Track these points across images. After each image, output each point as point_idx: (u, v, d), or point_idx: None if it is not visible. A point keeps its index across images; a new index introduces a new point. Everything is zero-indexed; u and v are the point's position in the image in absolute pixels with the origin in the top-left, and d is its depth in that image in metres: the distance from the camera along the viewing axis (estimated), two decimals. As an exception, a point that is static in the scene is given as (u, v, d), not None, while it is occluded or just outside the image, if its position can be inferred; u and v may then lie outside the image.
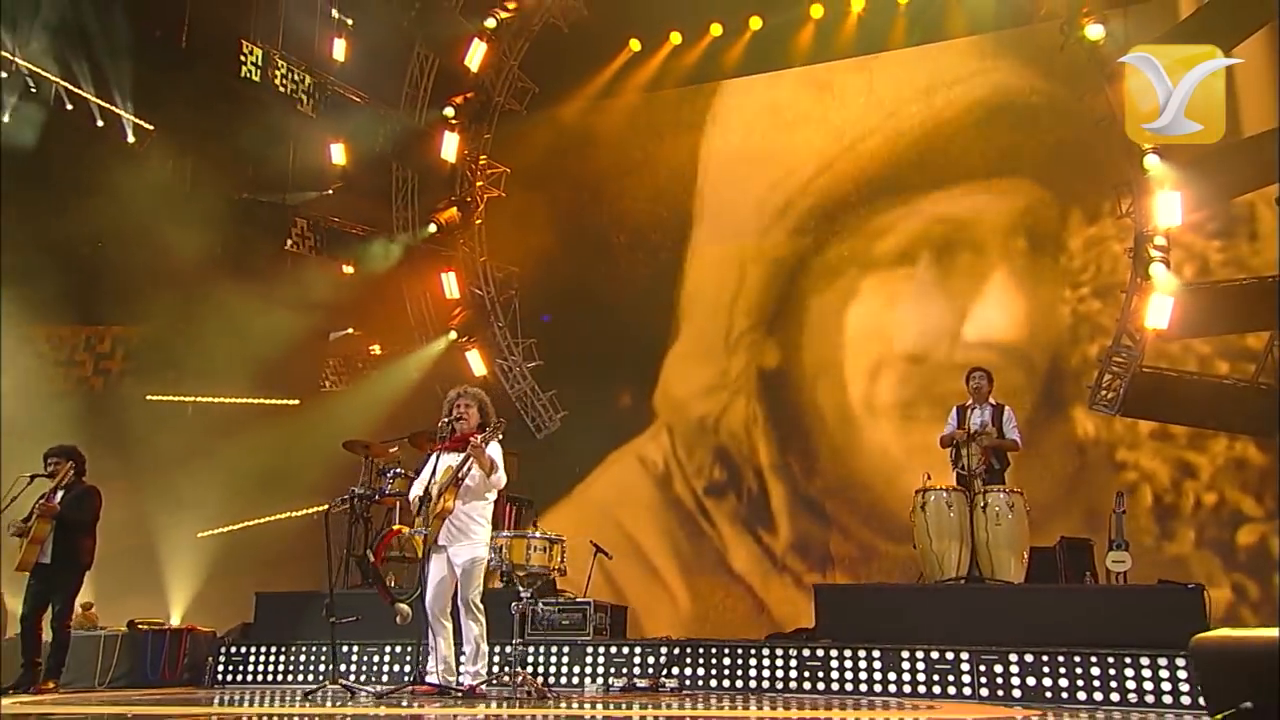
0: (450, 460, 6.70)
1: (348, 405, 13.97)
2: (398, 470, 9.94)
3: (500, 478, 6.77)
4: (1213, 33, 11.27)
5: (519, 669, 6.82)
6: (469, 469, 6.60)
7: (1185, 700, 6.84)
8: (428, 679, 6.75)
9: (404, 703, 6.58)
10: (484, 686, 6.63)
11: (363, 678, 8.72)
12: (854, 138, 13.64)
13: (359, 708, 6.54)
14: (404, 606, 6.75)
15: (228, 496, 13.01)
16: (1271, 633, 5.25)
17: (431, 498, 6.64)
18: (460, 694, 6.51)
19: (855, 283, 13.32)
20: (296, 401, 14.19)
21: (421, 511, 6.68)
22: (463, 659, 6.70)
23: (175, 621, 12.67)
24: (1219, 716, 5.28)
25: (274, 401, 14.09)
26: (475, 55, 13.99)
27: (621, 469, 13.93)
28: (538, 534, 7.08)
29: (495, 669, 7.14)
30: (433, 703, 6.45)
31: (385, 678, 8.71)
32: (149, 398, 14.16)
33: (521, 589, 6.81)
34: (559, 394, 14.16)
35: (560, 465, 13.95)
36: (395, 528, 8.17)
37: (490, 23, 13.69)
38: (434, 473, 6.72)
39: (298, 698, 7.63)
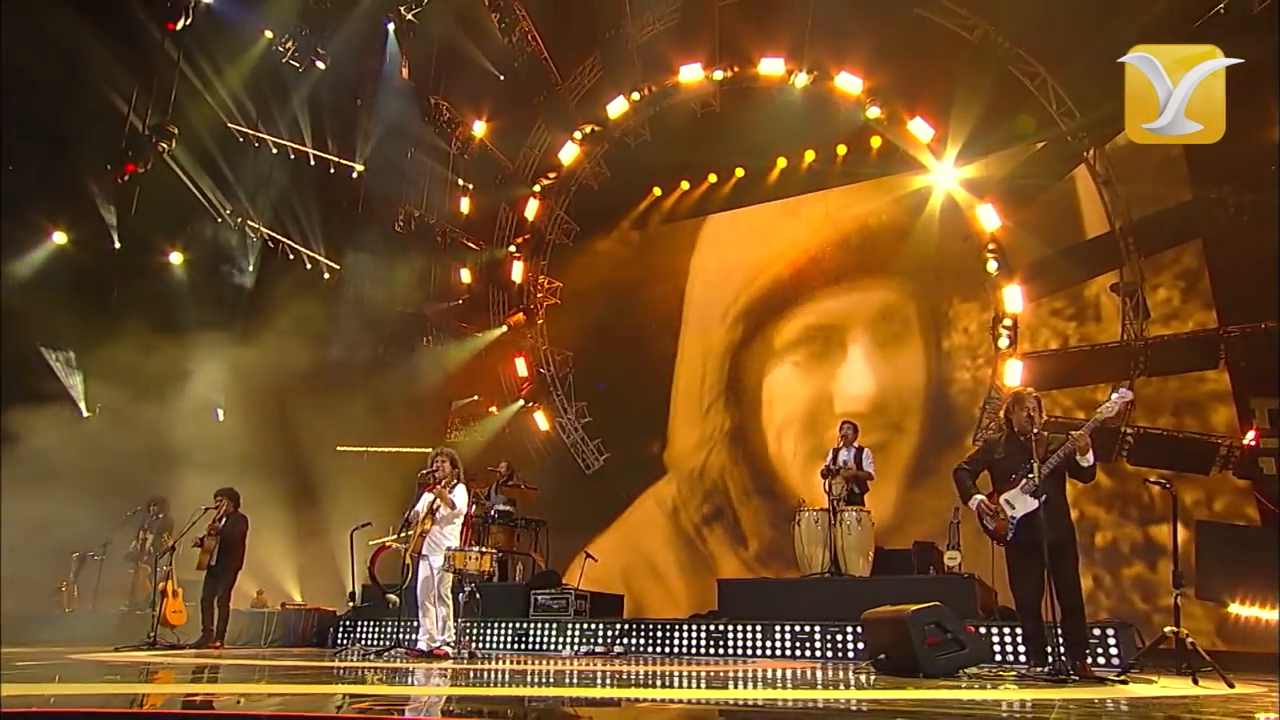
0: (428, 497, 7.45)
1: (461, 450, 14.80)
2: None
3: (459, 510, 7.44)
4: (1052, 164, 11.52)
5: (462, 638, 7.40)
6: (439, 503, 7.40)
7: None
8: (417, 645, 7.38)
9: (398, 660, 7.16)
10: (449, 649, 7.20)
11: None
12: (815, 249, 13.82)
13: (370, 661, 7.17)
14: (392, 596, 7.57)
15: (389, 515, 14.01)
16: (892, 609, 5.71)
17: (415, 521, 7.42)
18: (431, 655, 7.12)
19: (806, 359, 13.42)
20: (430, 450, 15.15)
21: (406, 531, 7.48)
22: (437, 631, 7.30)
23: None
24: (867, 662, 5.76)
25: (415, 450, 15.10)
26: (531, 208, 15.01)
27: (647, 506, 14.11)
28: (474, 548, 7.67)
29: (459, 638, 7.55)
30: (417, 661, 7.00)
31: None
32: (338, 448, 15.23)
33: (465, 584, 7.36)
34: (603, 441, 14.57)
35: (605, 498, 14.23)
36: (387, 544, 8.96)
37: (536, 188, 14.81)
38: (416, 506, 7.55)
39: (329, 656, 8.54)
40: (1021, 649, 7.00)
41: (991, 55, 11.51)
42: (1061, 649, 5.44)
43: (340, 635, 10.39)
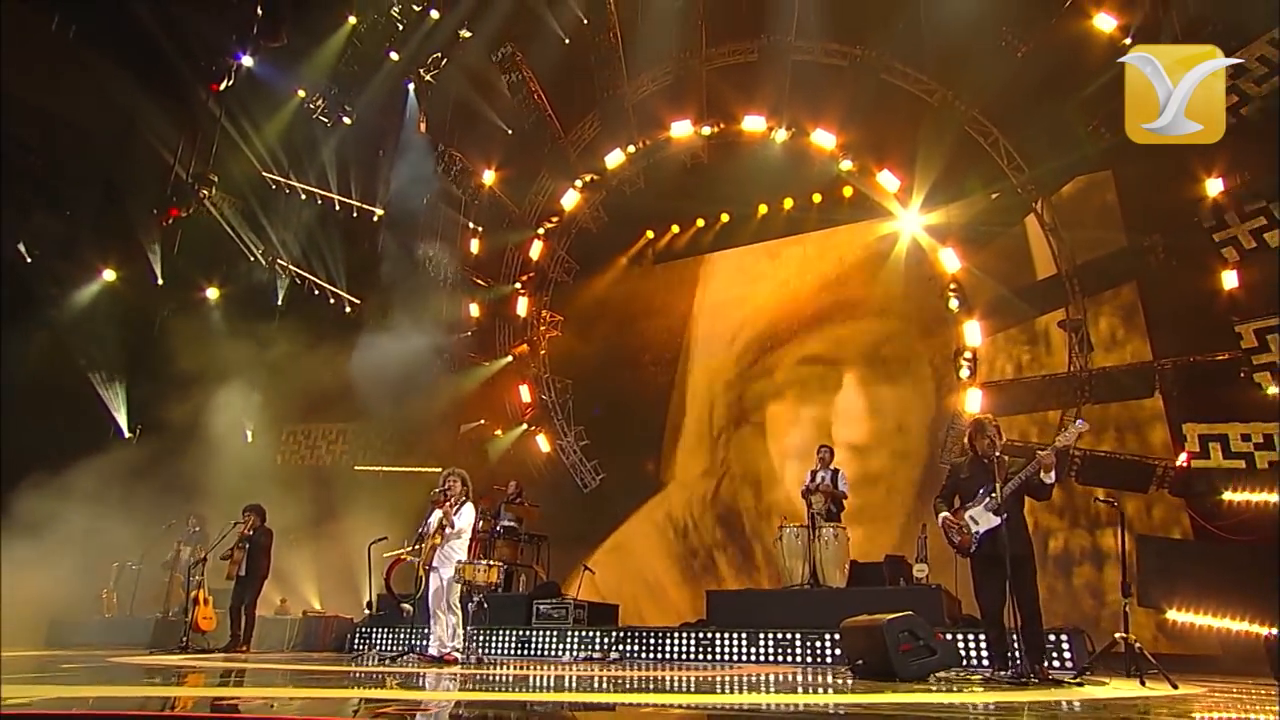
0: (439, 513, 7.36)
1: (469, 470, 14.60)
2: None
3: (465, 529, 7.34)
4: (1005, 212, 11.64)
5: (469, 645, 7.34)
6: (447, 521, 7.33)
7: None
8: (429, 651, 7.23)
9: (410, 665, 7.07)
10: (457, 654, 7.08)
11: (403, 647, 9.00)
12: (795, 288, 13.77)
13: (384, 666, 7.07)
14: (407, 606, 7.43)
15: (403, 530, 13.85)
16: (869, 618, 5.66)
17: (426, 536, 7.35)
18: (442, 660, 7.00)
19: (783, 391, 13.29)
20: (439, 469, 14.93)
21: (419, 544, 7.40)
22: (447, 638, 7.16)
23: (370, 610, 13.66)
24: (848, 666, 5.69)
25: (427, 470, 14.93)
26: (535, 249, 14.98)
27: (639, 523, 13.90)
28: (483, 561, 7.56)
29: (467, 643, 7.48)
30: (428, 665, 6.87)
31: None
32: (356, 468, 15.19)
33: (474, 594, 7.33)
34: (599, 462, 14.38)
35: (602, 514, 14.01)
36: (401, 556, 8.85)
37: (541, 230, 14.83)
38: (428, 521, 7.45)
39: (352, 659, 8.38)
40: (984, 653, 6.94)
41: (950, 116, 11.68)
42: (1022, 653, 5.43)
43: (357, 641, 10.23)
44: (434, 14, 14.50)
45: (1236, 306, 9.99)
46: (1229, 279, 10.00)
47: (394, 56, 14.98)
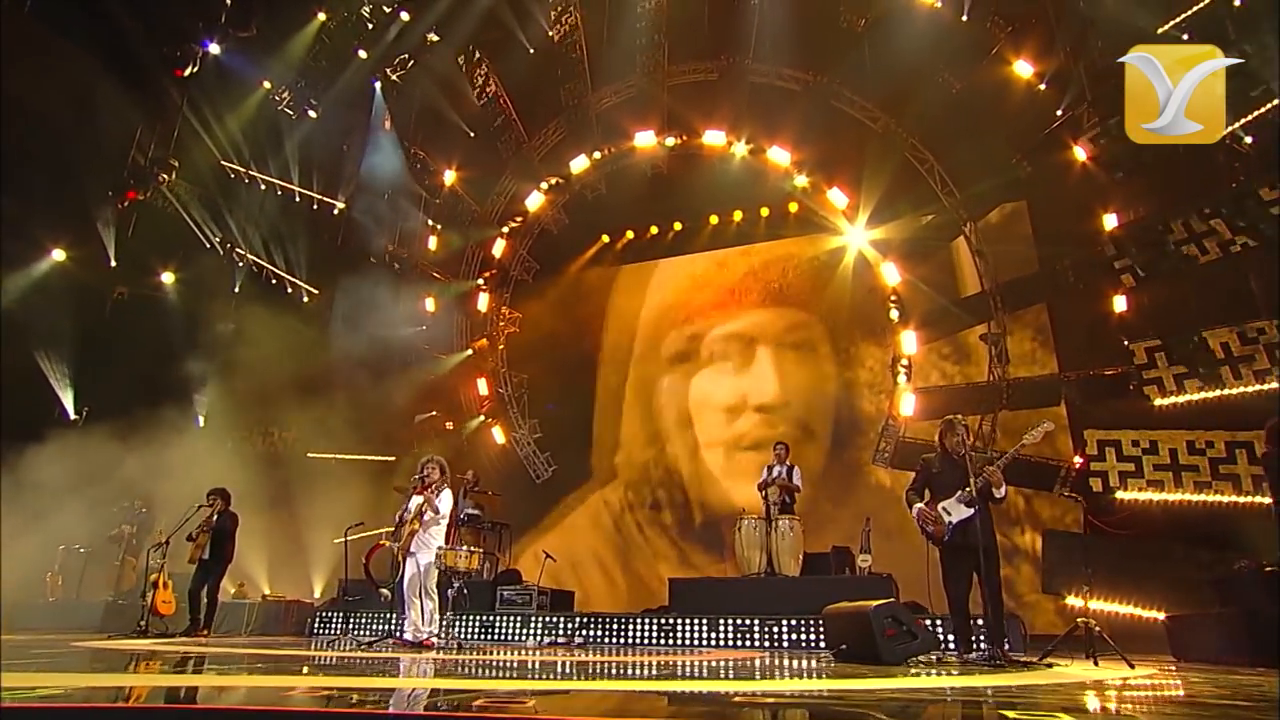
0: (418, 499, 6.96)
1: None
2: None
3: (443, 513, 6.96)
4: (940, 231, 11.86)
5: (447, 630, 7.01)
6: (426, 506, 6.91)
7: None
8: (404, 636, 6.85)
9: (386, 650, 6.57)
10: (434, 639, 6.73)
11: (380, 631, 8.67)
12: (740, 294, 13.65)
13: (358, 651, 6.51)
14: (385, 591, 6.99)
15: (355, 515, 13.20)
16: (853, 604, 5.59)
17: (405, 521, 6.93)
18: (419, 645, 6.64)
19: (731, 391, 13.14)
20: (394, 458, 14.39)
21: (398, 530, 6.95)
22: (422, 623, 6.83)
23: (318, 594, 12.92)
24: (831, 651, 5.61)
25: (382, 458, 14.28)
26: (497, 248, 14.52)
27: (589, 512, 13.59)
28: (464, 548, 7.20)
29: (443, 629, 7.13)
30: (404, 650, 6.46)
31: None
32: (309, 455, 14.29)
33: (454, 579, 7.00)
34: (551, 454, 14.07)
35: (552, 504, 13.69)
36: (381, 542, 8.40)
37: (505, 229, 14.38)
38: (407, 507, 7.03)
39: (323, 644, 7.88)
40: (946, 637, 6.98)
41: (892, 143, 11.86)
42: (988, 637, 5.46)
43: (316, 626, 9.68)
44: (404, 15, 13.88)
45: (1128, 328, 10.43)
46: (1121, 303, 10.44)
47: (362, 55, 14.28)
